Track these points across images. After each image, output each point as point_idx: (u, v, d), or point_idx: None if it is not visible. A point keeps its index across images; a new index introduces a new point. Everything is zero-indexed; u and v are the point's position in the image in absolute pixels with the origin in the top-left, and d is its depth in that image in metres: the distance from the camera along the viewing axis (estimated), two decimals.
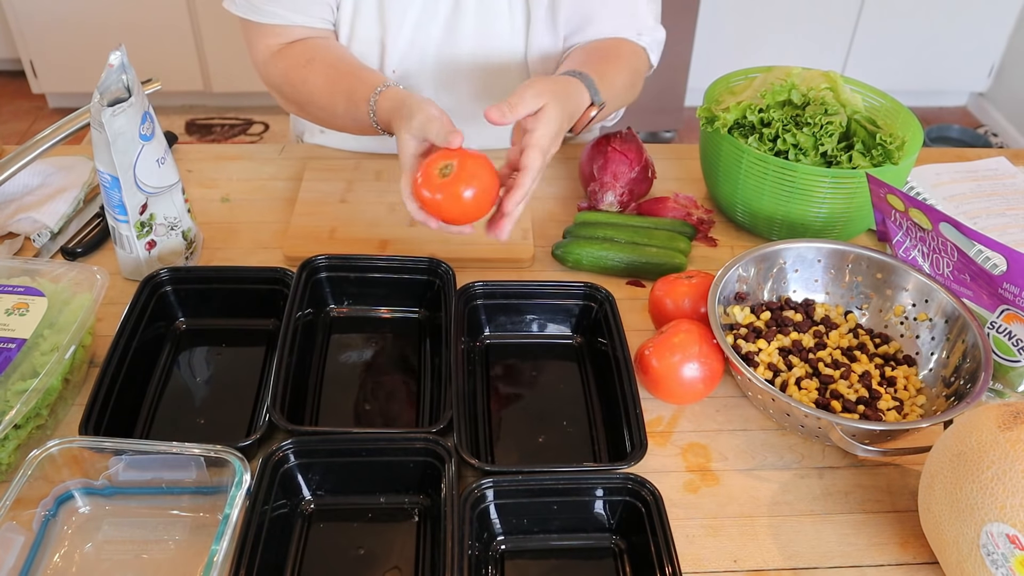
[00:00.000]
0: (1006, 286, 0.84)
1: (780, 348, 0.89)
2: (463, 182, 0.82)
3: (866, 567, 0.74)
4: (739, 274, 0.92)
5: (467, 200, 0.83)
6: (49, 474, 0.72)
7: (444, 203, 0.83)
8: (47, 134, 1.01)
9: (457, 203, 0.83)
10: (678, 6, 2.79)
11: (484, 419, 0.84)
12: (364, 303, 0.96)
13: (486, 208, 0.86)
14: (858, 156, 1.02)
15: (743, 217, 1.09)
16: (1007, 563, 0.63)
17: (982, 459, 0.65)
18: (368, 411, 0.85)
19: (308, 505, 0.76)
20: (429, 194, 0.83)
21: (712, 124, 1.06)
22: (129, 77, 0.87)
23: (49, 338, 0.79)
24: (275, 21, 1.04)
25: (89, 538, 0.72)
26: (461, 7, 1.06)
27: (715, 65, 1.57)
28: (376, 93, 0.95)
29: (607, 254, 1.02)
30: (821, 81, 1.08)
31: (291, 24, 1.04)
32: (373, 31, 1.08)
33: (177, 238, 0.98)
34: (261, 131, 3.15)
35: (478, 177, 0.83)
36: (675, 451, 0.83)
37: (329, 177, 1.15)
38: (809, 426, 0.80)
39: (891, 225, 0.97)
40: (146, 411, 0.83)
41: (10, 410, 0.72)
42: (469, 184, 0.83)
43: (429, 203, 0.84)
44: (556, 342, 0.94)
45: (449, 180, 0.82)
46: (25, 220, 1.04)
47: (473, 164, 0.83)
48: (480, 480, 0.72)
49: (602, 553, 0.74)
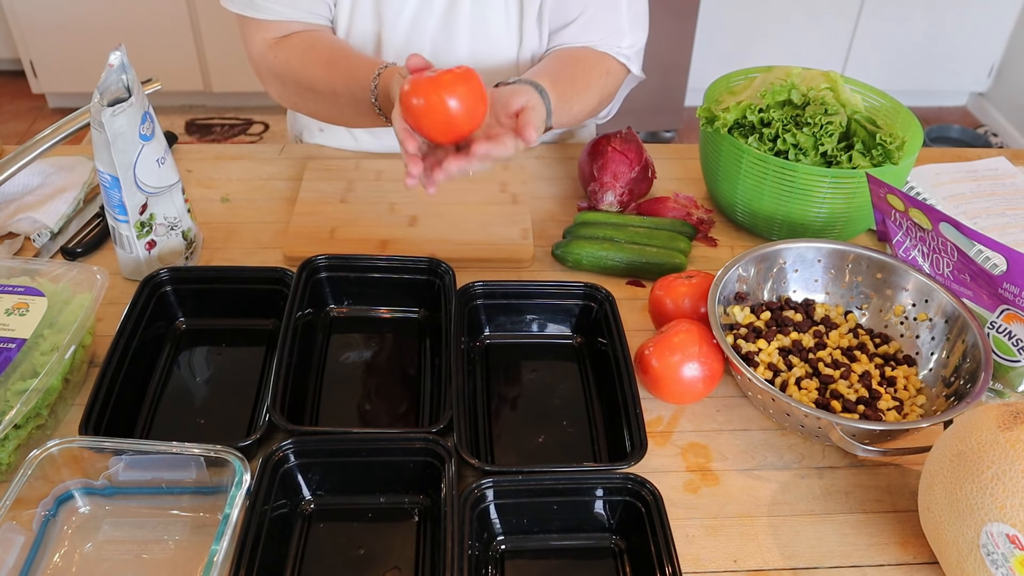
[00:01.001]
0: (1006, 286, 0.84)
1: (780, 348, 0.89)
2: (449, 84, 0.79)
3: (866, 567, 0.74)
4: (739, 274, 0.92)
5: (452, 107, 0.79)
6: (49, 474, 0.72)
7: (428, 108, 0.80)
8: (47, 134, 1.01)
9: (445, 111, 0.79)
10: (678, 6, 2.79)
11: (484, 419, 0.84)
12: (364, 303, 0.96)
13: (470, 121, 0.82)
14: (858, 156, 1.02)
15: (743, 217, 1.09)
16: (1007, 563, 0.63)
17: (982, 459, 0.65)
18: (368, 411, 0.85)
19: (308, 505, 0.76)
20: (416, 100, 0.80)
21: (712, 124, 1.06)
22: (129, 77, 0.87)
23: (49, 338, 0.79)
24: (272, 17, 1.04)
25: (89, 538, 0.72)
26: (457, 5, 1.06)
27: (715, 65, 1.57)
28: (382, 68, 0.96)
29: (607, 254, 1.02)
30: (821, 81, 1.08)
31: (288, 20, 1.05)
32: (369, 27, 1.08)
33: (177, 238, 0.98)
34: (261, 131, 3.15)
35: (464, 81, 0.80)
36: (675, 451, 0.83)
37: (329, 177, 1.15)
38: (809, 426, 0.80)
39: (891, 225, 0.97)
40: (146, 411, 0.83)
41: (10, 410, 0.72)
42: (454, 86, 0.79)
43: (415, 111, 0.81)
44: (556, 342, 0.94)
45: (435, 78, 0.79)
46: (25, 220, 1.04)
47: (460, 72, 0.80)
48: (480, 480, 0.72)
49: (602, 553, 0.74)
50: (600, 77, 1.10)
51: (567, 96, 1.01)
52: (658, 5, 1.40)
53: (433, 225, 1.08)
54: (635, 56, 1.13)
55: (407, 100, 0.81)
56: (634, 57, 1.13)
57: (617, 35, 1.10)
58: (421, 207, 1.10)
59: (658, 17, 1.62)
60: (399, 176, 1.16)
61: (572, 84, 1.03)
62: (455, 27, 1.08)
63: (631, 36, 1.11)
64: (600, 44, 1.10)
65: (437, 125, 0.81)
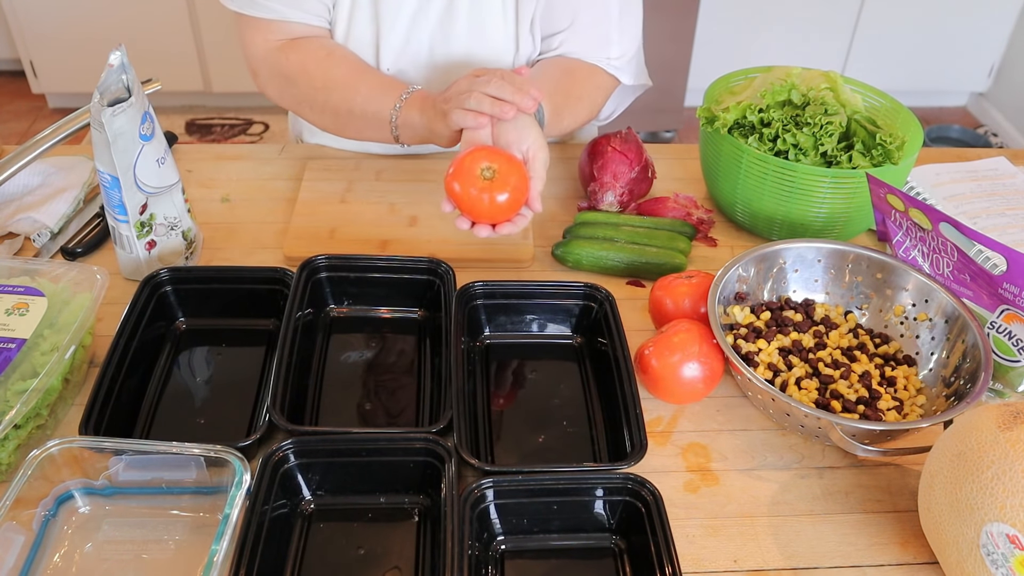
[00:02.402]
0: (1006, 286, 0.84)
1: (780, 348, 0.89)
2: (506, 185, 0.86)
3: (866, 567, 0.74)
4: (739, 274, 0.92)
5: (504, 203, 0.87)
6: (49, 474, 0.72)
7: (480, 203, 0.86)
8: (47, 134, 1.01)
9: (495, 205, 0.86)
10: (678, 6, 2.79)
11: (484, 419, 0.84)
12: (364, 303, 0.96)
13: (517, 210, 0.89)
14: (858, 156, 1.02)
15: (743, 217, 1.09)
16: (1007, 563, 0.63)
17: (982, 459, 0.65)
18: (368, 411, 0.85)
19: (308, 505, 0.76)
20: (464, 190, 0.86)
21: (712, 124, 1.06)
22: (129, 77, 0.87)
23: (49, 338, 0.79)
24: (271, 16, 1.05)
25: (89, 538, 0.72)
26: (455, 8, 1.07)
27: (715, 65, 1.57)
28: (408, 92, 1.00)
29: (607, 254, 1.02)
30: (821, 81, 1.08)
31: (287, 20, 1.05)
32: (368, 28, 1.08)
33: (177, 238, 0.98)
34: (261, 131, 3.15)
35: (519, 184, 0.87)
36: (675, 451, 0.83)
37: (329, 177, 1.15)
38: (809, 426, 0.80)
39: (891, 225, 0.97)
40: (146, 411, 0.83)
41: (10, 410, 0.72)
42: (510, 188, 0.86)
43: (462, 198, 0.87)
44: (556, 342, 0.94)
45: (493, 181, 0.86)
46: (25, 220, 1.04)
47: (515, 167, 0.87)
48: (480, 480, 0.72)
49: (602, 553, 0.74)
50: (592, 91, 1.11)
51: (559, 110, 1.03)
52: (658, 5, 1.40)
53: (433, 225, 1.08)
54: (625, 66, 1.13)
55: (453, 186, 0.87)
56: (624, 67, 1.13)
57: (605, 46, 1.11)
58: (421, 207, 1.11)
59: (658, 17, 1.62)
60: (399, 176, 1.16)
61: (566, 98, 1.06)
62: (453, 29, 1.08)
63: (619, 46, 1.12)
64: (588, 55, 1.10)
65: (482, 216, 0.89)
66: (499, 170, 0.86)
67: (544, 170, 0.91)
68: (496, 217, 0.89)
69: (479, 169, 0.86)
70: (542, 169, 0.91)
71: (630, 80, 1.14)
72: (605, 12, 1.09)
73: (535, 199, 0.90)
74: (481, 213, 0.88)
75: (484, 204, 0.86)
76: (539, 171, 0.90)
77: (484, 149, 0.88)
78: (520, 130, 0.91)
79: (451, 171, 0.87)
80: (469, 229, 0.90)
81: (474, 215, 0.88)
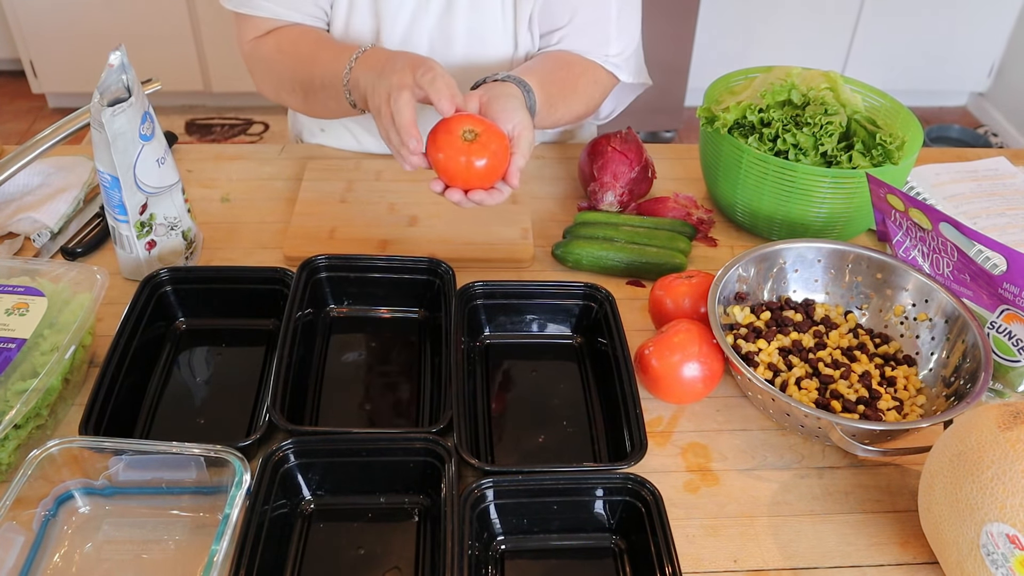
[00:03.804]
0: (1006, 286, 0.84)
1: (780, 348, 0.89)
2: (485, 150, 0.84)
3: (866, 567, 0.74)
4: (739, 274, 0.92)
5: (482, 168, 0.84)
6: (49, 474, 0.72)
7: (457, 164, 0.84)
8: (47, 134, 1.01)
9: (472, 169, 0.84)
10: (678, 6, 2.79)
11: (484, 419, 0.84)
12: (364, 303, 0.96)
13: (494, 180, 0.87)
14: (858, 156, 1.02)
15: (743, 217, 1.09)
16: (1007, 563, 0.63)
17: (982, 459, 0.65)
18: (368, 411, 0.85)
19: (308, 505, 0.76)
20: (442, 149, 0.84)
21: (712, 124, 1.06)
22: (129, 77, 0.87)
23: (49, 338, 0.79)
24: (266, 14, 1.05)
25: (89, 538, 0.72)
26: (454, 6, 1.07)
27: (715, 65, 1.57)
28: (359, 52, 0.96)
29: (607, 254, 1.02)
30: (821, 81, 1.08)
31: (283, 19, 1.06)
32: (367, 27, 1.08)
33: (177, 238, 0.98)
34: (261, 131, 3.15)
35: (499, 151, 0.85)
36: (675, 451, 0.83)
37: (329, 177, 1.15)
38: (809, 426, 0.80)
39: (891, 225, 0.97)
40: (146, 411, 0.83)
41: (10, 410, 0.72)
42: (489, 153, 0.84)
43: (439, 158, 0.85)
44: (556, 342, 0.94)
45: (473, 144, 0.83)
46: (25, 220, 1.04)
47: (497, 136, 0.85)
48: (480, 480, 0.72)
49: (602, 553, 0.74)
50: (588, 85, 1.10)
51: (553, 100, 1.02)
52: (658, 5, 1.39)
53: (433, 225, 1.08)
54: (624, 64, 1.13)
55: (435, 150, 0.85)
56: (623, 65, 1.13)
57: (604, 43, 1.10)
58: (421, 207, 1.11)
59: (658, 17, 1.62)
60: (399, 176, 1.16)
61: (560, 89, 1.04)
62: (452, 27, 1.08)
63: (618, 43, 1.11)
64: (587, 52, 1.10)
65: (457, 179, 0.86)
66: (480, 135, 0.84)
67: (529, 149, 0.89)
68: (471, 183, 0.86)
69: (461, 131, 0.84)
70: (527, 147, 0.88)
71: (629, 78, 1.14)
72: (604, 9, 1.09)
73: (514, 173, 0.87)
74: (456, 175, 0.85)
75: (460, 165, 0.84)
76: (523, 148, 0.88)
77: (470, 116, 0.86)
78: (509, 111, 0.89)
79: (433, 130, 0.85)
80: (441, 193, 0.87)
81: (448, 176, 0.86)
